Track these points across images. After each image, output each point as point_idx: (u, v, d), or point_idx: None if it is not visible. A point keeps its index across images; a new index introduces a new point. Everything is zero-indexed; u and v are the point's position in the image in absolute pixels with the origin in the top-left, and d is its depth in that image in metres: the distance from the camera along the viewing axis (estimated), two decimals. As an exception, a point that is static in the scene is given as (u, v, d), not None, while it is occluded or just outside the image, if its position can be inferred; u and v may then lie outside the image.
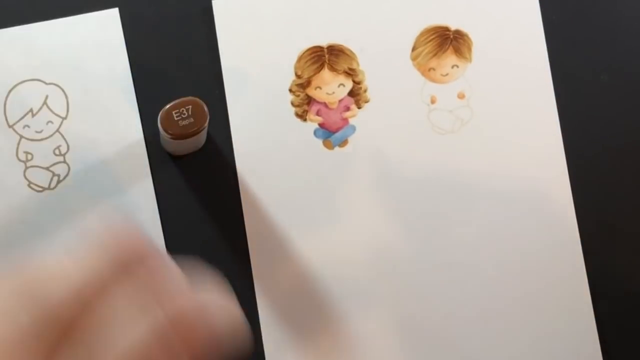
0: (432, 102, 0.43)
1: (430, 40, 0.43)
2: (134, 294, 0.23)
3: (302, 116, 0.43)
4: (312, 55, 0.43)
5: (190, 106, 0.38)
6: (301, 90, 0.43)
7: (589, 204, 0.43)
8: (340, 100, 0.43)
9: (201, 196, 0.42)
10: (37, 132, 0.41)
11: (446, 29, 0.44)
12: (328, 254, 0.42)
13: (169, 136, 0.38)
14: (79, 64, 0.42)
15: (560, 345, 0.43)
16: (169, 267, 0.25)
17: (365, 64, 0.43)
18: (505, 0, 0.44)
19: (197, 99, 0.38)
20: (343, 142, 0.43)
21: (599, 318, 0.43)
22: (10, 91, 0.41)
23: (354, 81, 0.43)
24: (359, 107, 0.43)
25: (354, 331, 0.42)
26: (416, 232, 0.42)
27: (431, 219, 0.42)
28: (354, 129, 0.43)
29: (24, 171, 0.41)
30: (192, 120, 0.38)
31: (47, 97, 0.42)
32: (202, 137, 0.40)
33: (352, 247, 0.42)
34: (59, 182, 0.41)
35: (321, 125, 0.43)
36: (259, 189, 0.42)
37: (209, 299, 0.25)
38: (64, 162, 0.41)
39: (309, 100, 0.43)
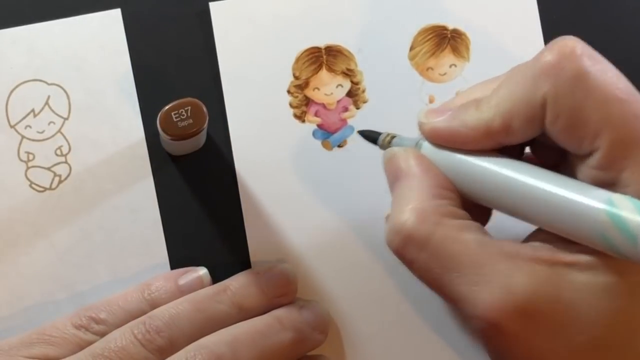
0: (431, 101, 0.43)
1: (427, 40, 0.43)
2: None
3: (300, 117, 0.43)
4: (310, 56, 0.43)
5: (189, 107, 0.38)
6: (299, 91, 0.43)
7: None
8: (338, 101, 0.43)
9: (201, 196, 0.42)
10: (38, 132, 0.42)
11: (444, 28, 0.44)
12: (328, 254, 0.42)
13: (168, 137, 0.38)
14: (80, 65, 0.42)
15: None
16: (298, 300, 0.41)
17: (363, 65, 0.43)
18: (503, -1, 0.44)
19: (196, 100, 0.38)
20: (342, 143, 0.43)
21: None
22: (12, 91, 0.42)
23: (352, 82, 0.43)
24: (358, 108, 0.43)
25: (355, 330, 0.42)
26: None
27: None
28: (352, 129, 0.43)
29: (26, 171, 0.41)
30: (191, 121, 0.38)
31: (48, 97, 0.42)
32: (201, 137, 0.40)
33: (352, 247, 0.42)
34: (60, 182, 0.42)
35: (320, 126, 0.43)
36: (258, 189, 0.42)
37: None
38: (66, 162, 0.42)
39: (308, 101, 0.43)
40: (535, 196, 0.30)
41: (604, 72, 0.30)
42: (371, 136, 0.38)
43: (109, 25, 0.42)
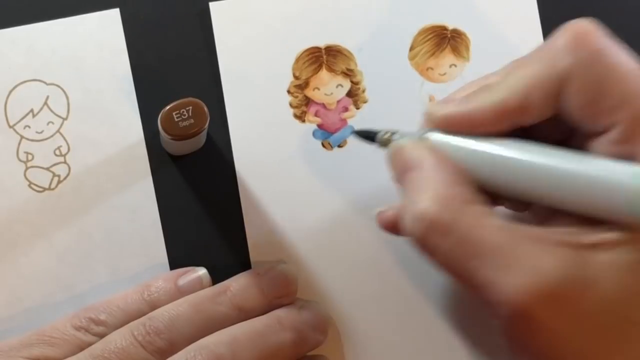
0: (431, 101, 0.43)
1: (427, 40, 0.43)
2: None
3: (300, 117, 0.43)
4: (310, 56, 0.43)
5: (190, 107, 0.38)
6: (299, 91, 0.43)
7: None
8: (338, 101, 0.43)
9: (201, 196, 0.42)
10: (37, 132, 0.42)
11: (444, 28, 0.44)
12: (328, 254, 0.42)
13: (169, 137, 0.38)
14: (79, 65, 0.42)
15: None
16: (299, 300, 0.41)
17: (363, 65, 0.43)
18: (503, -1, 0.44)
19: (198, 100, 0.38)
20: (342, 143, 0.43)
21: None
22: (11, 92, 0.42)
23: (352, 82, 0.43)
24: (358, 108, 0.43)
25: (355, 330, 0.42)
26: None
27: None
28: (352, 129, 0.43)
29: (25, 171, 0.41)
30: (192, 121, 0.38)
31: (47, 97, 0.42)
32: (202, 137, 0.40)
33: (352, 247, 0.42)
34: (59, 182, 0.41)
35: (320, 126, 0.43)
36: (258, 189, 0.42)
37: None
38: (65, 162, 0.42)
39: (308, 101, 0.43)
40: (557, 177, 0.30)
41: (620, 51, 0.31)
42: (368, 135, 0.37)
43: (107, 25, 0.42)
